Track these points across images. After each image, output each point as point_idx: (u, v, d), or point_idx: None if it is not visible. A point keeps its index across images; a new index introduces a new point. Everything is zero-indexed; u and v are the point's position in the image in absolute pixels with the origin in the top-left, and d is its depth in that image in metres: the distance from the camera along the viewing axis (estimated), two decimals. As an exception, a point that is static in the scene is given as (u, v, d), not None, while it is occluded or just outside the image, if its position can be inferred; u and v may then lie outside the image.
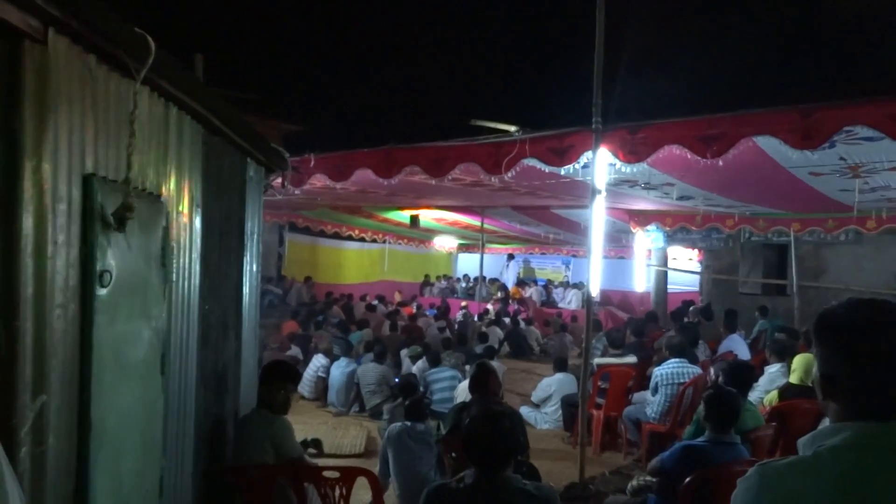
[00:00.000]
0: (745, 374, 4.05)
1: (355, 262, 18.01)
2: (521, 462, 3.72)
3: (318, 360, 8.35)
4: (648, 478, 3.54)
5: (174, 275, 2.87)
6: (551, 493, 2.35)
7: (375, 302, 13.75)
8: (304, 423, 7.07)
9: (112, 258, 2.21)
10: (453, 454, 3.71)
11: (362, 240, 16.21)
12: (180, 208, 2.96)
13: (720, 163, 4.71)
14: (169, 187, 2.82)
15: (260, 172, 4.47)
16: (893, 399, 1.25)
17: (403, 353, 8.59)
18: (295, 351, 9.19)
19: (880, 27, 9.88)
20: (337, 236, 15.22)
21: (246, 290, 4.14)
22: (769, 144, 4.77)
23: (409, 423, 4.56)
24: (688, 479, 2.97)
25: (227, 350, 3.81)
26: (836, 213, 9.57)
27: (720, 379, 4.15)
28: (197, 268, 3.15)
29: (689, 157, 4.72)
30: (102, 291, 2.15)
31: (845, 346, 1.30)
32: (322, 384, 8.23)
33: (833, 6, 10.36)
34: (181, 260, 2.96)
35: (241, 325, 4.04)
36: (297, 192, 7.26)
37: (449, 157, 5.80)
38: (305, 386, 8.39)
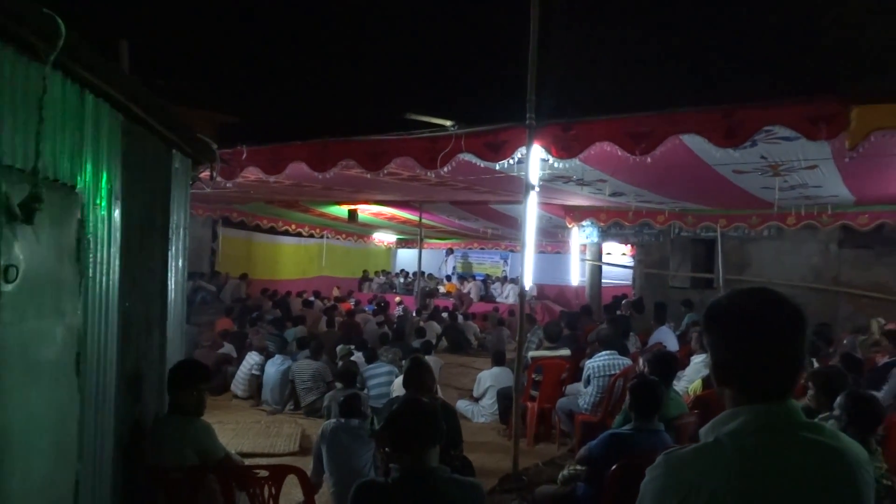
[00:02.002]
0: (668, 364, 4.18)
1: (292, 258, 17.71)
2: (454, 456, 3.74)
3: (252, 358, 8.18)
4: (578, 467, 3.61)
5: (90, 270, 2.74)
6: (477, 483, 2.37)
7: (312, 298, 13.56)
8: (236, 423, 6.93)
9: (19, 252, 2.10)
10: (386, 449, 3.69)
11: (299, 235, 15.95)
12: (97, 200, 2.83)
13: (649, 160, 4.84)
14: (85, 178, 2.70)
15: (186, 164, 4.33)
16: (782, 381, 1.32)
17: (338, 350, 8.50)
18: (228, 349, 8.98)
19: (800, 31, 10.35)
20: (273, 231, 14.91)
21: (171, 285, 4.00)
22: (695, 142, 4.93)
23: (343, 420, 4.52)
24: (613, 467, 3.04)
25: (150, 348, 3.67)
26: (759, 210, 10.01)
27: (646, 369, 4.28)
28: (116, 263, 3.03)
29: (619, 153, 4.84)
30: (7, 287, 2.03)
31: (731, 334, 1.37)
32: (256, 382, 8.06)
33: (757, 10, 10.78)
34: (98, 254, 2.83)
35: (166, 322, 3.91)
36: (228, 185, 7.09)
37: (385, 151, 5.77)
38: (239, 384, 8.21)
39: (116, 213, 3.01)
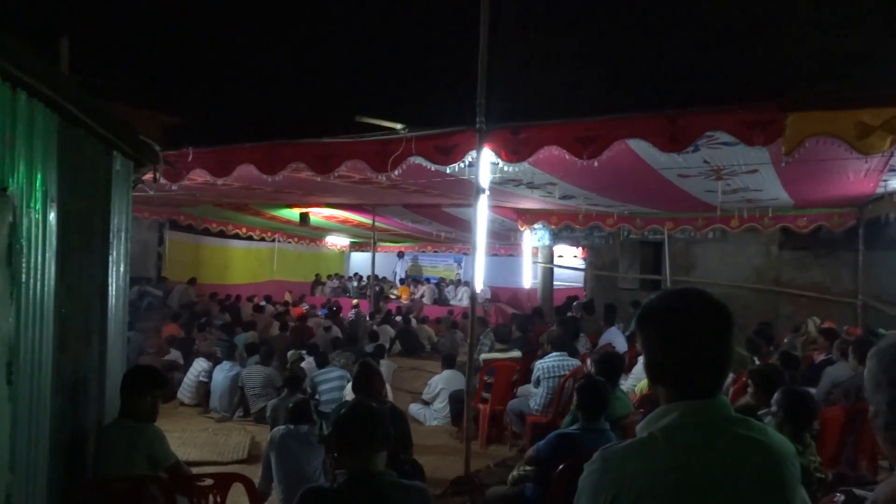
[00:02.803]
0: (614, 365, 4.26)
1: (242, 262, 17.39)
2: (403, 460, 3.73)
3: (200, 364, 8.00)
4: (527, 467, 3.64)
5: (23, 275, 2.64)
6: (422, 486, 2.37)
7: (263, 303, 13.35)
8: (183, 431, 6.76)
9: (-57, 257, 2.01)
10: (334, 454, 3.66)
11: (250, 238, 15.68)
12: (31, 203, 2.73)
13: (596, 164, 4.92)
14: (17, 180, 2.60)
15: (128, 166, 4.21)
16: (711, 378, 1.37)
17: (288, 355, 8.39)
18: (175, 355, 8.76)
19: (740, 41, 10.69)
20: (222, 235, 14.62)
21: (112, 291, 3.89)
22: (641, 147, 5.04)
23: (292, 426, 4.47)
24: (560, 467, 3.08)
25: (89, 356, 3.56)
26: (704, 213, 10.28)
27: (592, 369, 4.35)
28: (52, 268, 2.92)
29: (567, 157, 4.91)
30: (-70, 294, 1.94)
31: (662, 334, 1.41)
32: (203, 389, 7.89)
33: (701, 18, 11.10)
34: (32, 260, 2.73)
35: (106, 328, 3.79)
36: (174, 187, 6.91)
37: (335, 153, 5.72)
38: (186, 391, 8.02)
39: (52, 217, 2.91)
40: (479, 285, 5.38)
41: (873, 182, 7.26)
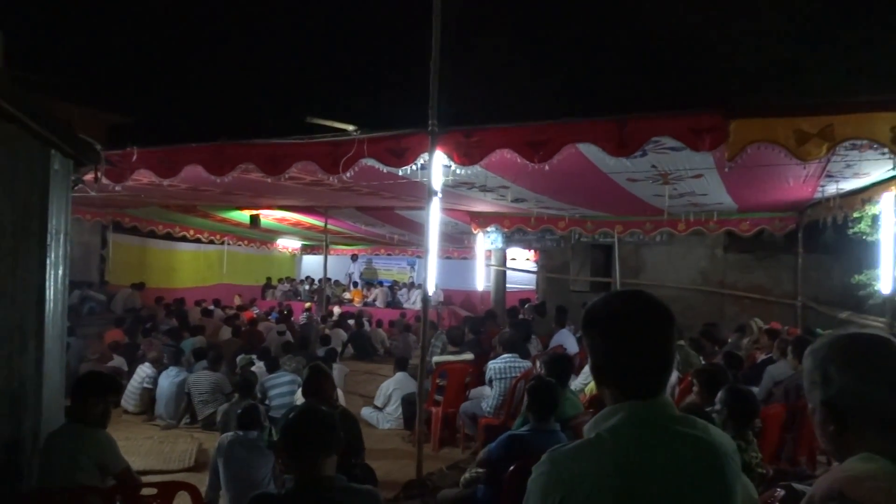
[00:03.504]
0: (563, 366, 4.31)
1: (190, 265, 16.98)
2: (355, 464, 3.69)
3: (144, 371, 7.77)
4: (478, 469, 3.65)
5: (-49, 278, 2.51)
6: (373, 490, 2.35)
7: (212, 307, 13.06)
8: (126, 440, 6.53)
9: None
10: (283, 460, 3.60)
11: (198, 241, 15.32)
12: (-40, 203, 2.60)
13: (547, 167, 4.98)
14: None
15: (67, 165, 4.05)
16: (655, 378, 1.39)
17: (238, 360, 8.22)
18: (118, 361, 8.48)
19: (687, 50, 10.99)
20: (169, 237, 14.25)
21: (50, 295, 3.73)
22: (590, 151, 5.12)
23: (240, 432, 4.37)
24: (511, 468, 3.09)
25: (24, 363, 3.41)
26: (652, 217, 10.51)
27: (542, 371, 4.39)
28: (-17, 270, 2.79)
29: (519, 161, 4.95)
30: None
31: (606, 335, 1.43)
32: (148, 396, 7.66)
33: (650, 27, 11.37)
34: (-39, 262, 2.60)
35: (43, 334, 3.64)
36: (117, 188, 6.70)
37: (285, 155, 5.65)
38: (130, 399, 7.77)
39: (-18, 217, 2.78)
40: (431, 288, 5.37)
41: (811, 187, 7.55)
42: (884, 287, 7.63)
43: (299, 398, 6.33)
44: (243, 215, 11.99)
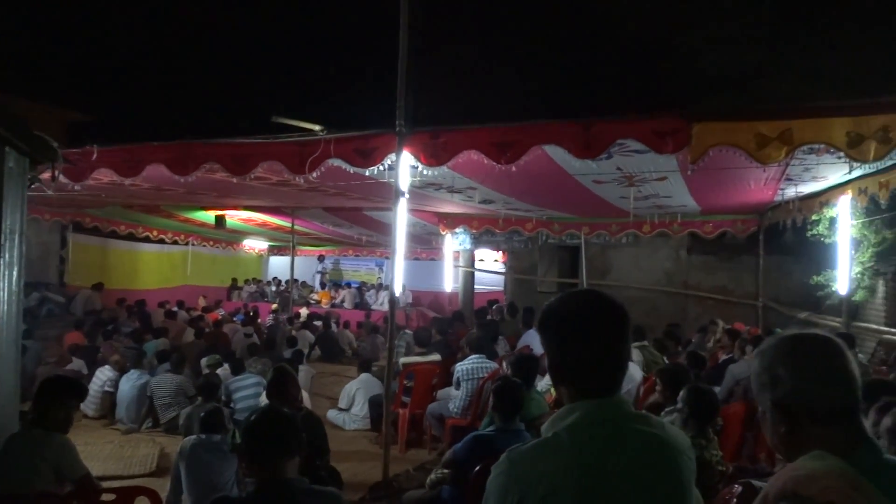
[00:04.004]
0: (529, 366, 4.34)
1: (154, 266, 16.66)
2: (319, 466, 3.66)
3: (104, 374, 7.59)
4: (444, 470, 3.64)
5: None
6: (336, 493, 2.33)
7: (176, 308, 12.84)
8: (86, 444, 6.37)
9: None
10: (245, 463, 3.55)
11: (161, 241, 15.05)
12: None
13: (513, 169, 5.01)
14: None
15: (23, 163, 3.94)
16: (610, 376, 1.41)
17: (204, 361, 8.09)
18: (77, 364, 8.27)
19: (652, 55, 11.17)
20: (132, 237, 13.98)
21: (4, 297, 3.63)
22: (557, 153, 5.16)
23: (203, 436, 4.30)
24: (476, 468, 3.09)
25: (-24, 366, 3.31)
26: (618, 219, 10.65)
27: (508, 371, 4.41)
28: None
29: (486, 162, 4.96)
30: None
31: (562, 335, 1.45)
32: (109, 400, 7.49)
33: (616, 32, 11.52)
34: None
35: (-4, 336, 3.54)
36: (77, 187, 6.55)
37: (251, 154, 5.58)
38: (90, 403, 7.56)
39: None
40: (398, 289, 5.36)
41: (772, 190, 7.73)
42: (840, 287, 7.84)
43: (264, 401, 6.24)
44: (208, 215, 11.83)
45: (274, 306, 14.79)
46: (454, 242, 12.97)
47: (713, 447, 3.33)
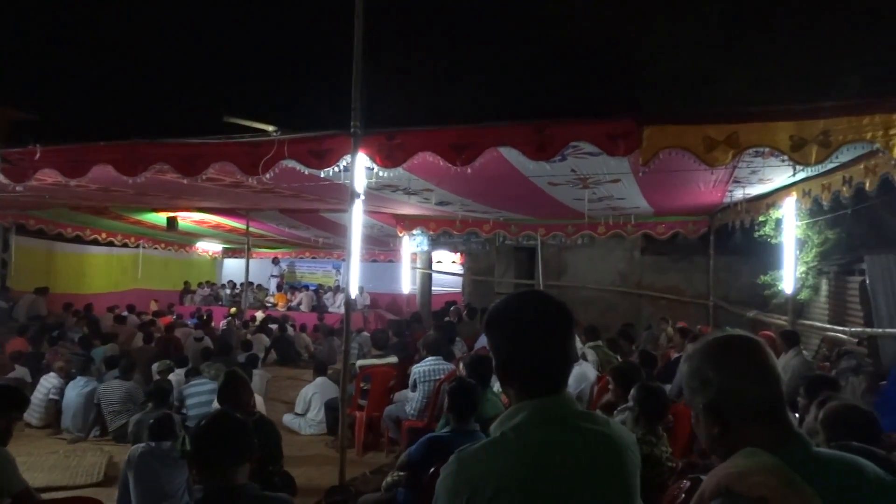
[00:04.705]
0: (485, 367, 4.34)
1: (102, 270, 16.18)
2: (272, 472, 3.61)
3: (49, 381, 7.34)
4: (400, 473, 3.63)
5: None
6: (286, 498, 2.30)
7: (126, 313, 12.49)
8: (28, 455, 6.16)
9: None
10: (195, 470, 3.48)
11: (111, 244, 14.61)
12: None
13: (469, 170, 5.02)
14: None
15: (-41, 163, 3.78)
16: (555, 375, 1.43)
17: (155, 367, 7.89)
18: (21, 372, 7.97)
19: (609, 57, 11.36)
20: (79, 240, 13.53)
21: (-62, 302, 3.48)
22: (512, 155, 5.20)
23: (152, 443, 4.19)
24: (431, 470, 3.09)
25: None
26: (574, 220, 10.79)
27: (464, 372, 4.42)
28: None
29: (441, 163, 4.97)
30: None
31: (508, 335, 1.46)
32: (54, 408, 7.24)
33: (572, 38, 11.68)
34: None
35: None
36: (18, 188, 6.32)
37: (202, 155, 5.47)
38: (34, 412, 7.31)
39: None
40: (354, 291, 5.31)
41: (721, 192, 7.93)
42: (786, 286, 8.10)
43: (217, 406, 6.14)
44: (160, 217, 11.54)
45: (233, 310, 14.51)
46: (412, 244, 12.95)
47: (663, 444, 3.39)
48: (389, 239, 13.99)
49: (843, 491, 1.23)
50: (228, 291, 18.00)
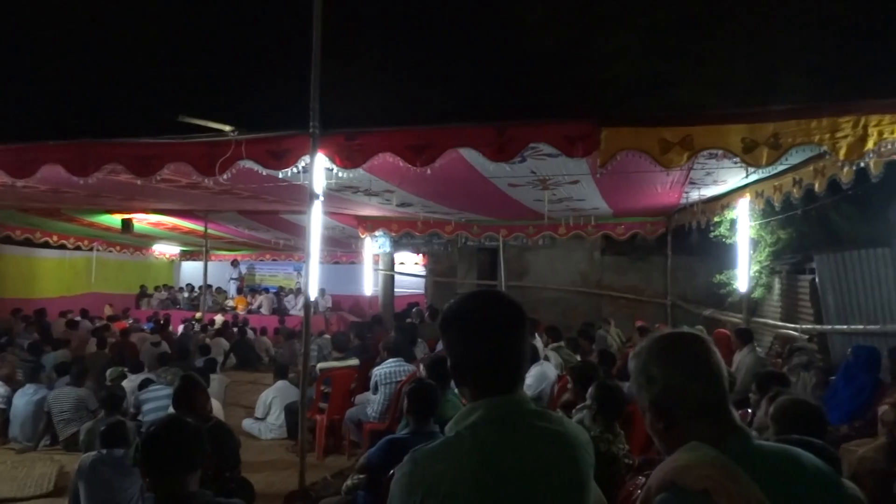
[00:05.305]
0: (444, 368, 4.32)
1: (54, 273, 15.69)
2: (228, 478, 3.54)
3: (-4, 389, 7.09)
4: (360, 475, 3.60)
5: None
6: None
7: (78, 318, 12.15)
8: (-28, 466, 5.94)
9: None
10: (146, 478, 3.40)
11: (62, 247, 14.18)
12: None
13: (429, 171, 5.02)
14: None
15: None
16: (509, 374, 1.43)
17: (108, 373, 7.68)
18: (-35, 380, 7.68)
19: (567, 60, 11.47)
20: (29, 243, 13.11)
21: None
22: (471, 156, 5.21)
23: (104, 451, 4.07)
24: (391, 472, 3.07)
25: None
26: (534, 221, 10.88)
27: (424, 373, 4.41)
28: None
29: (401, 165, 4.96)
30: None
31: (462, 335, 1.46)
32: (2, 417, 6.99)
33: (531, 40, 11.78)
34: None
35: None
36: (-38, 189, 6.10)
37: (156, 155, 5.35)
38: (-21, 422, 7.06)
39: None
40: (314, 293, 5.25)
41: (677, 194, 8.09)
42: (741, 285, 8.30)
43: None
44: (114, 219, 11.25)
45: (197, 315, 14.21)
46: (374, 246, 12.89)
47: (620, 441, 3.44)
48: (351, 240, 13.91)
49: (781, 481, 1.26)
50: (187, 295, 17.64)
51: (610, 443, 3.32)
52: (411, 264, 17.64)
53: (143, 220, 11.58)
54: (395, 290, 14.27)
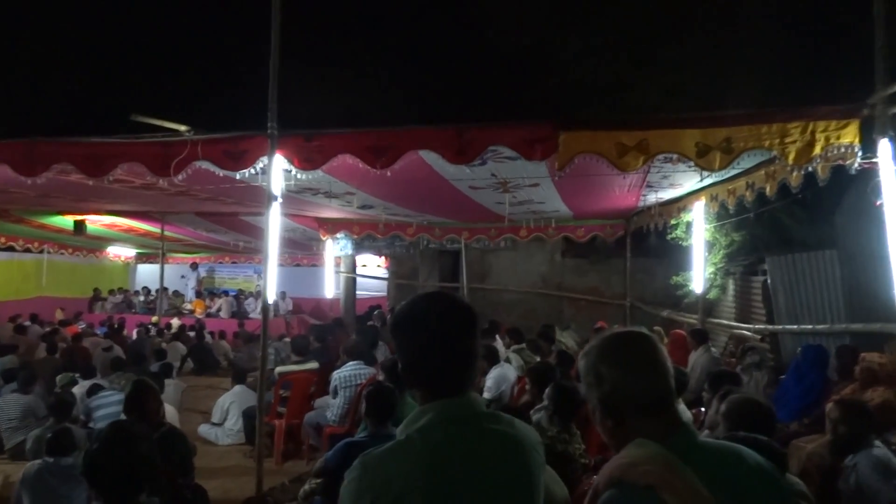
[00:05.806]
0: (402, 370, 4.32)
1: (2, 276, 15.19)
2: (182, 485, 3.47)
3: (-63, 398, 6.81)
4: (317, 480, 3.56)
5: None
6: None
7: (28, 322, 11.77)
8: (-90, 478, 5.69)
9: None
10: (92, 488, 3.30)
11: (11, 249, 13.73)
12: None
13: (389, 173, 4.99)
14: None
15: None
16: (460, 376, 1.43)
17: (58, 379, 7.45)
18: None
19: (528, 63, 11.58)
20: (-25, 245, 12.68)
21: None
22: (432, 158, 5.21)
23: (50, 459, 3.94)
24: (347, 477, 3.04)
25: None
26: (496, 223, 10.92)
27: (382, 376, 4.39)
28: None
29: (361, 166, 4.92)
30: None
31: (412, 337, 1.46)
32: (-56, 426, 6.72)
33: (492, 43, 11.85)
34: None
35: None
36: None
37: (109, 155, 5.21)
38: (-80, 430, 6.77)
39: None
40: (272, 296, 5.19)
41: (635, 197, 8.21)
42: (696, 286, 8.47)
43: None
44: (66, 221, 10.92)
45: (154, 318, 13.88)
46: (335, 248, 12.79)
47: (577, 441, 3.47)
48: (313, 243, 13.76)
49: (723, 476, 1.29)
50: (142, 298, 17.24)
51: (566, 443, 3.34)
52: (373, 267, 17.57)
53: (96, 222, 11.28)
54: (357, 292, 14.18)
